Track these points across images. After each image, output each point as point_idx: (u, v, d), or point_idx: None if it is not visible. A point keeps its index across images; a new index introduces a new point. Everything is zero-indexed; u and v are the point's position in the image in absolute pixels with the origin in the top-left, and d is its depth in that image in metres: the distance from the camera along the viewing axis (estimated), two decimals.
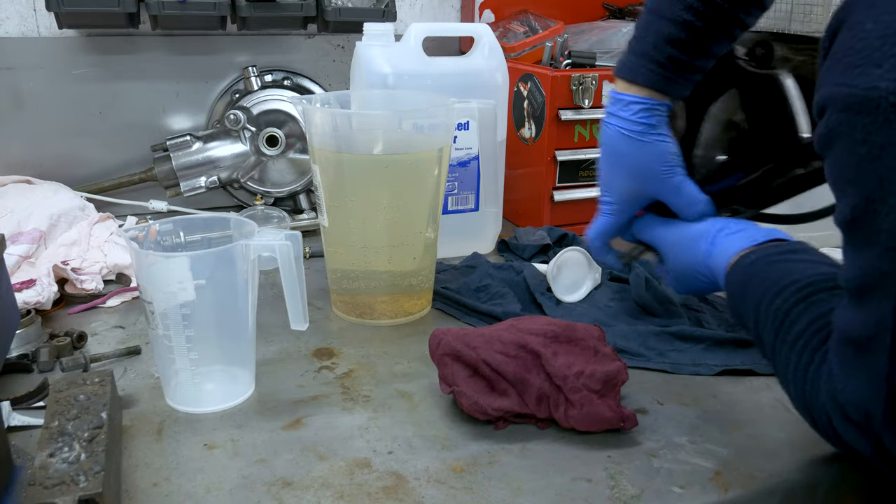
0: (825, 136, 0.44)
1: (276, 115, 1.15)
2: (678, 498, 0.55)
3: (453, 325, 0.83)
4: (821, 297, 0.52)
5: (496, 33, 1.04)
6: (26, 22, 1.11)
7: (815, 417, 0.50)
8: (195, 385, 0.65)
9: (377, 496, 0.54)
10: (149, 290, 0.62)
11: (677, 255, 0.70)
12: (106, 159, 1.15)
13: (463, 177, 0.98)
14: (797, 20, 1.31)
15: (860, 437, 0.46)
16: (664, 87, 0.66)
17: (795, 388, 0.51)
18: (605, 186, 0.72)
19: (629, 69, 0.67)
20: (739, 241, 0.64)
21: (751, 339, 0.60)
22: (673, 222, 0.71)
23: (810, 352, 0.50)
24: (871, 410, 0.44)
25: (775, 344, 0.54)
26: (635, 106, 0.67)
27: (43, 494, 0.47)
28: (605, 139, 0.70)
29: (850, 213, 0.43)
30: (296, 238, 0.64)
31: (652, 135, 0.67)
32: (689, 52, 0.64)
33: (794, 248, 0.61)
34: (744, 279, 0.60)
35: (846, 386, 0.45)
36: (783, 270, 0.57)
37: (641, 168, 0.69)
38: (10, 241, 0.88)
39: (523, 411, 0.63)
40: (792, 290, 0.54)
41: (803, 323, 0.51)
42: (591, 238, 0.75)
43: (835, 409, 0.47)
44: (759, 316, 0.56)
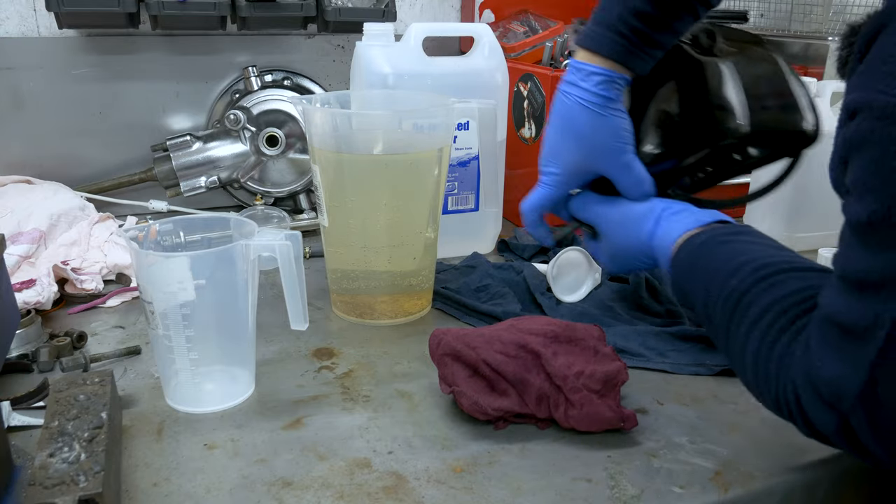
0: (854, 140, 0.43)
1: (276, 115, 1.15)
2: (678, 498, 0.55)
3: (453, 325, 0.83)
4: (779, 278, 0.52)
5: (496, 33, 1.05)
6: (26, 22, 1.11)
7: (778, 394, 0.50)
8: (195, 385, 0.65)
9: (377, 496, 0.55)
10: (149, 290, 0.62)
11: (618, 234, 0.69)
12: (106, 159, 1.15)
13: (463, 177, 0.98)
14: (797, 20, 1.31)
15: (826, 415, 0.46)
16: (626, 59, 0.65)
17: (755, 366, 0.51)
18: (550, 157, 0.71)
19: (592, 39, 0.66)
20: (684, 221, 0.64)
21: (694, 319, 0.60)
22: (615, 200, 0.70)
23: (777, 331, 0.50)
24: (843, 391, 0.44)
25: (729, 324, 0.54)
26: (596, 77, 0.66)
27: (43, 494, 0.47)
28: (560, 108, 0.69)
29: (866, 216, 0.42)
30: (296, 238, 0.64)
31: (609, 108, 0.67)
32: (652, 26, 0.64)
33: (740, 230, 0.61)
34: (692, 259, 0.60)
35: (823, 364, 0.45)
36: (734, 251, 0.57)
37: (595, 141, 0.68)
38: (10, 241, 0.88)
39: (523, 411, 0.63)
40: (747, 271, 0.54)
41: (764, 303, 0.51)
42: (526, 210, 0.74)
43: (806, 385, 0.47)
44: (711, 296, 0.56)
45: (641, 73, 0.67)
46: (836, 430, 0.46)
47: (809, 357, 0.46)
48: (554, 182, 0.71)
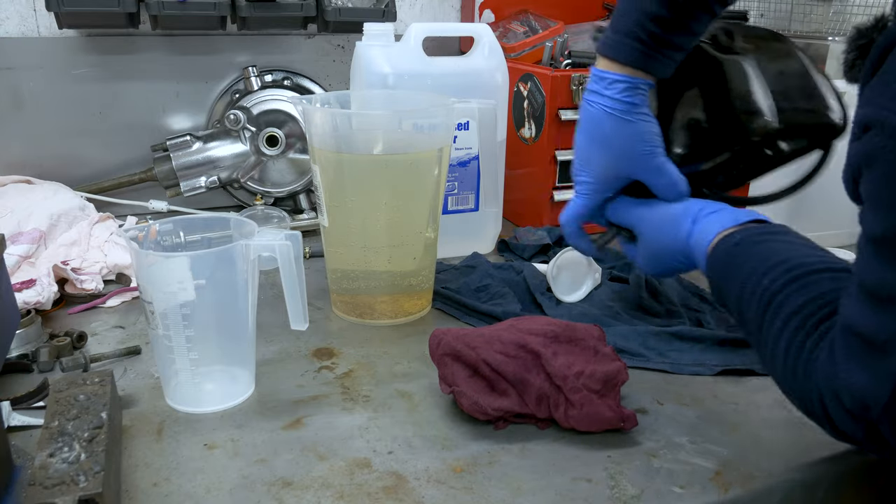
0: (867, 155, 0.44)
1: (276, 115, 1.15)
2: (678, 498, 0.55)
3: (453, 325, 0.83)
4: (811, 279, 0.52)
5: (496, 33, 1.04)
6: (26, 22, 1.11)
7: (804, 398, 0.50)
8: (195, 385, 0.65)
9: (377, 496, 0.54)
10: (149, 290, 0.62)
11: (656, 236, 0.69)
12: (106, 159, 1.15)
13: (463, 177, 0.98)
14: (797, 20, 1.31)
15: (853, 423, 0.46)
16: (646, 64, 0.66)
17: (785, 369, 0.51)
18: (581, 167, 0.71)
19: (611, 47, 0.66)
20: (721, 220, 0.64)
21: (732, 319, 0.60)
22: (651, 203, 0.71)
23: (804, 334, 0.50)
24: (869, 402, 0.44)
25: (762, 323, 0.54)
26: (619, 84, 0.66)
27: (43, 494, 0.47)
28: (587, 117, 0.69)
29: (881, 231, 0.43)
30: (296, 238, 0.64)
31: (635, 114, 0.67)
32: (669, 29, 0.64)
33: (777, 230, 0.61)
34: (728, 258, 0.60)
35: (849, 375, 0.45)
36: (769, 250, 0.57)
37: (624, 147, 0.68)
38: (10, 241, 0.88)
39: (523, 411, 0.63)
40: (780, 271, 0.54)
41: (795, 304, 0.51)
42: (564, 222, 0.74)
43: (830, 394, 0.47)
44: (745, 294, 0.56)
45: (663, 76, 0.68)
46: (864, 438, 0.46)
47: (833, 365, 0.46)
48: (588, 191, 0.72)
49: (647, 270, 0.73)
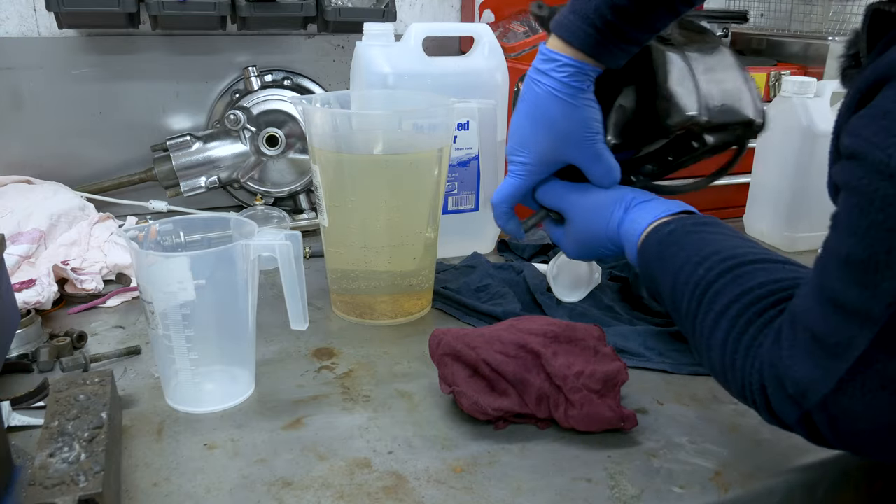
0: (847, 181, 0.44)
1: (276, 115, 1.15)
2: (678, 498, 0.55)
3: (453, 325, 0.83)
4: (746, 269, 0.53)
5: (496, 33, 1.04)
6: (26, 22, 1.11)
7: (743, 383, 0.51)
8: (195, 385, 0.65)
9: (377, 496, 0.55)
10: (149, 290, 0.62)
11: (587, 221, 0.70)
12: (106, 159, 1.15)
13: (463, 177, 0.98)
14: (797, 20, 1.31)
15: (790, 408, 0.47)
16: (598, 54, 0.65)
17: (724, 355, 0.52)
18: (519, 146, 0.71)
19: (567, 28, 0.66)
20: (653, 210, 0.65)
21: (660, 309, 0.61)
22: (584, 188, 0.71)
23: (745, 322, 0.50)
24: (809, 392, 0.45)
25: (697, 312, 0.54)
26: (569, 68, 0.66)
27: (43, 494, 0.47)
28: (532, 97, 0.69)
29: (848, 252, 0.43)
30: (296, 238, 0.64)
31: (582, 98, 0.67)
32: (628, 21, 0.64)
33: (707, 221, 0.62)
34: (661, 248, 0.61)
35: (793, 363, 0.46)
36: (702, 241, 0.58)
37: (567, 131, 0.68)
38: (10, 241, 0.88)
39: (523, 411, 0.63)
40: (715, 261, 0.55)
41: (732, 294, 0.52)
42: (497, 202, 0.74)
43: (772, 377, 0.48)
44: (678, 284, 0.57)
45: (614, 67, 0.67)
46: (797, 422, 0.47)
47: (779, 351, 0.47)
48: (524, 172, 0.71)
49: (572, 255, 0.74)
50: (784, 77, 1.10)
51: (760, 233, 1.10)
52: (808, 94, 1.02)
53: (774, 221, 1.08)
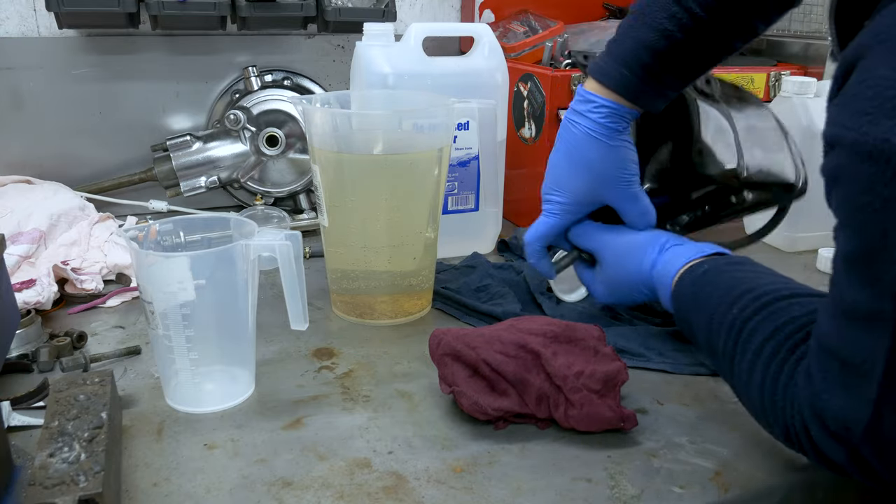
0: (831, 175, 0.43)
1: (276, 115, 1.15)
2: (678, 498, 0.55)
3: (453, 325, 0.83)
4: (780, 305, 0.52)
5: (496, 33, 1.04)
6: (26, 22, 1.11)
7: (787, 425, 0.49)
8: (195, 385, 0.65)
9: (377, 496, 0.55)
10: (149, 290, 0.62)
11: (620, 263, 0.69)
12: (106, 159, 1.15)
13: (463, 177, 0.98)
14: (797, 20, 1.31)
15: (836, 446, 0.45)
16: (633, 96, 0.66)
17: (763, 397, 0.51)
18: (555, 186, 0.71)
19: (602, 71, 0.66)
20: (687, 252, 0.65)
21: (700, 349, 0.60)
22: (617, 229, 0.71)
23: (780, 360, 0.49)
24: (851, 425, 0.43)
25: (735, 353, 0.53)
26: (605, 109, 0.66)
27: (43, 494, 0.47)
28: (569, 138, 0.69)
29: (849, 251, 0.42)
30: (296, 238, 0.64)
31: (619, 139, 0.67)
32: (663, 64, 0.64)
33: (741, 261, 0.61)
34: (695, 289, 0.61)
35: (829, 398, 0.44)
36: (735, 280, 0.57)
37: (604, 172, 0.68)
38: (10, 241, 0.88)
39: (523, 411, 0.63)
40: (748, 299, 0.54)
41: (766, 331, 0.51)
42: (530, 241, 0.74)
43: (813, 417, 0.46)
44: (713, 325, 0.56)
45: (651, 110, 0.67)
46: (847, 461, 0.46)
47: (813, 388, 0.46)
48: (559, 211, 0.71)
49: (603, 298, 0.73)
50: (784, 77, 1.10)
51: None
52: (808, 94, 1.02)
53: None
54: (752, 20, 0.65)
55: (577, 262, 0.75)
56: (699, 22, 0.62)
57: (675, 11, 0.61)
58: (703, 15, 0.61)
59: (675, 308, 0.63)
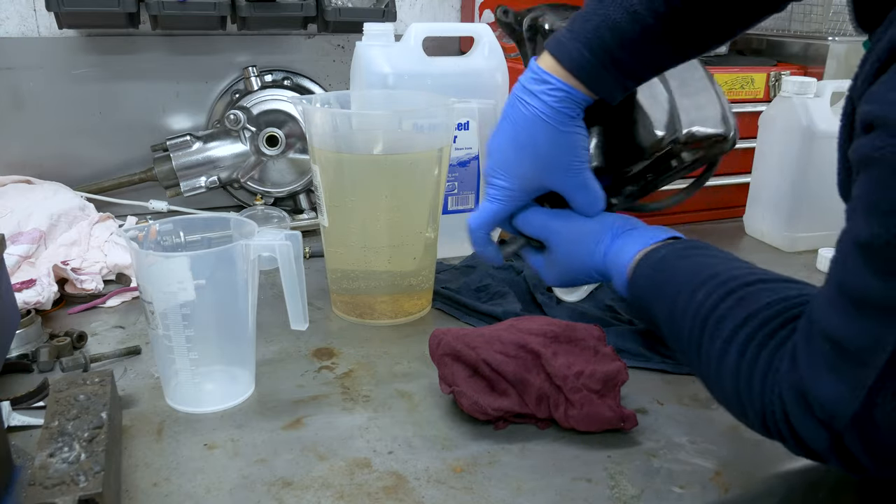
0: (865, 156, 0.41)
1: (276, 115, 1.15)
2: (678, 498, 0.55)
3: (453, 325, 0.83)
4: (749, 290, 0.50)
5: (496, 33, 1.04)
6: (26, 22, 1.11)
7: (763, 412, 0.48)
8: (195, 385, 0.65)
9: (377, 496, 0.54)
10: (149, 290, 0.62)
11: (571, 250, 0.66)
12: (106, 159, 1.15)
13: (463, 177, 0.98)
14: (797, 20, 1.31)
15: (819, 433, 0.44)
16: (592, 81, 0.61)
17: (735, 384, 0.49)
18: (500, 169, 0.66)
19: (562, 48, 0.61)
20: (640, 237, 0.62)
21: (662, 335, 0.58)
22: (566, 215, 0.67)
23: (756, 347, 0.48)
24: (838, 411, 0.42)
25: (701, 340, 0.51)
26: (560, 93, 0.61)
27: (43, 494, 0.47)
28: (517, 118, 0.64)
29: (868, 237, 0.40)
30: (296, 238, 0.64)
31: (571, 125, 0.63)
32: (628, 51, 0.59)
33: (698, 245, 0.60)
34: (653, 274, 0.59)
35: (816, 381, 0.43)
36: (697, 265, 0.56)
37: (552, 158, 0.64)
38: (10, 241, 0.88)
39: (523, 411, 0.63)
40: (713, 285, 0.52)
41: (738, 318, 0.49)
42: (474, 227, 0.69)
43: (796, 402, 0.45)
44: (676, 311, 0.54)
45: (608, 100, 0.63)
46: (828, 448, 0.44)
47: (798, 373, 0.44)
48: (504, 197, 0.67)
49: (553, 283, 0.71)
50: (784, 77, 1.10)
51: (760, 233, 1.11)
52: (808, 94, 1.02)
53: (774, 221, 1.08)
54: (730, 19, 0.61)
55: (525, 247, 0.72)
56: (674, 11, 0.58)
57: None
58: (678, 3, 0.58)
59: (632, 295, 0.61)
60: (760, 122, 1.09)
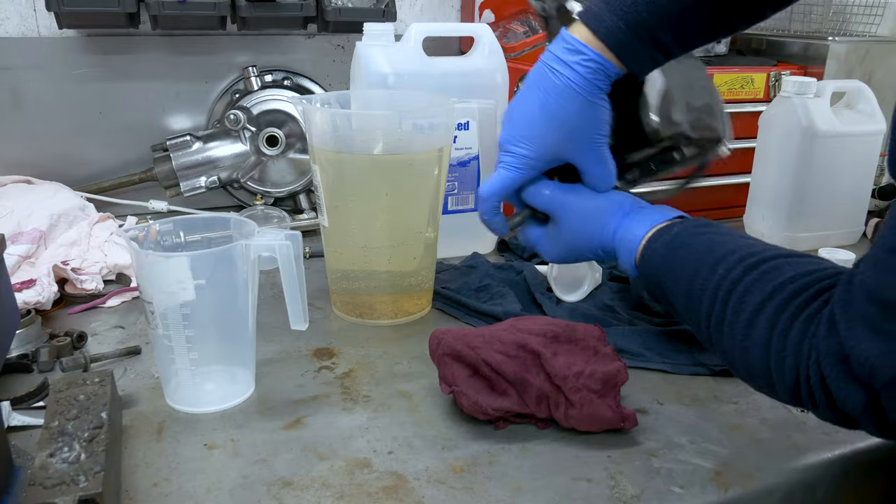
0: None
1: (276, 115, 1.15)
2: (678, 498, 0.55)
3: (453, 325, 0.83)
4: (771, 265, 0.51)
5: (496, 33, 1.04)
6: (26, 22, 1.11)
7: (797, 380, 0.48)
8: (195, 385, 0.65)
9: (377, 496, 0.55)
10: (149, 290, 0.62)
11: (581, 226, 0.67)
12: (106, 159, 1.15)
13: (463, 177, 0.98)
14: (797, 20, 1.31)
15: (856, 391, 0.45)
16: (625, 54, 0.62)
17: (764, 355, 0.49)
18: (522, 137, 0.66)
19: (598, 19, 0.61)
20: (650, 216, 0.63)
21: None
22: (577, 189, 0.68)
23: (788, 318, 0.48)
24: (878, 369, 0.43)
25: (724, 314, 0.52)
26: (593, 64, 0.62)
27: (43, 494, 0.47)
28: (548, 87, 0.64)
29: None
30: (296, 238, 0.64)
31: (599, 97, 0.64)
32: (662, 24, 0.60)
33: (710, 223, 0.60)
34: (667, 251, 0.59)
35: (859, 342, 0.43)
36: (712, 242, 0.56)
37: (579, 129, 0.64)
38: (10, 241, 0.88)
39: (523, 411, 0.63)
40: (733, 261, 0.53)
41: (764, 291, 0.50)
42: (486, 194, 0.69)
43: (834, 364, 0.45)
44: (695, 288, 0.55)
45: (637, 73, 0.64)
46: (863, 409, 0.45)
47: (837, 337, 0.45)
48: (522, 165, 0.66)
49: (552, 258, 0.70)
50: (784, 77, 1.10)
51: (760, 233, 1.10)
52: (808, 94, 1.02)
53: (774, 221, 1.08)
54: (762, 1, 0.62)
55: (530, 220, 0.72)
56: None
57: None
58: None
59: (644, 272, 0.61)
60: (760, 122, 1.09)
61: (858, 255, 1.00)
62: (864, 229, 1.11)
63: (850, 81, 1.09)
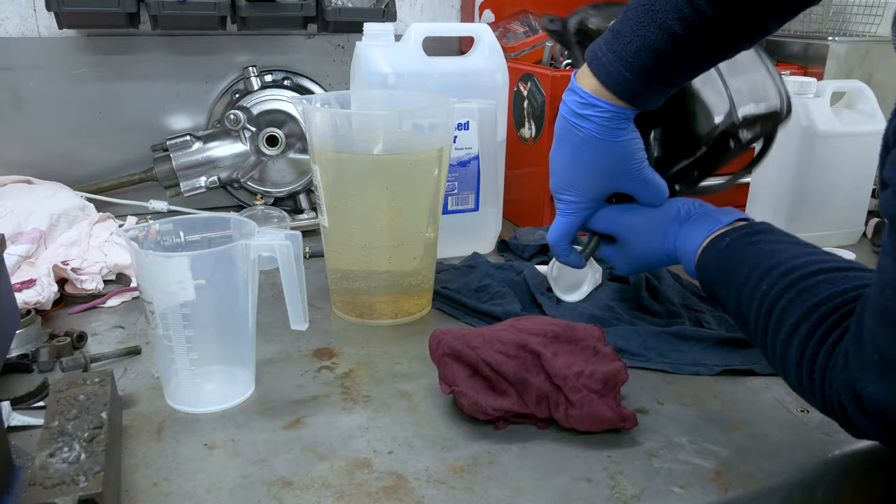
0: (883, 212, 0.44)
1: (276, 115, 1.15)
2: (678, 498, 0.55)
3: (453, 325, 0.83)
4: (809, 283, 0.53)
5: (496, 33, 1.05)
6: (26, 22, 1.11)
7: (825, 401, 0.51)
8: (195, 385, 0.65)
9: (377, 496, 0.55)
10: (149, 290, 0.62)
11: (642, 241, 0.72)
12: (106, 159, 1.15)
13: (463, 177, 0.98)
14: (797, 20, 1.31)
15: (872, 426, 0.47)
16: (635, 100, 0.66)
17: (799, 375, 0.52)
18: (566, 186, 0.72)
19: (606, 71, 0.65)
20: (706, 223, 0.66)
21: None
22: (634, 209, 0.73)
23: (815, 344, 0.50)
24: (888, 412, 0.45)
25: (767, 330, 0.55)
26: (608, 113, 0.67)
27: (43, 494, 0.47)
28: (573, 140, 0.69)
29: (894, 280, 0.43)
30: (296, 238, 0.64)
31: (624, 135, 0.68)
32: (667, 66, 0.63)
33: (762, 229, 0.62)
34: (720, 262, 0.62)
35: (867, 385, 0.46)
36: (760, 253, 0.58)
37: (613, 167, 0.69)
38: (10, 241, 0.88)
39: (523, 411, 0.63)
40: (776, 276, 0.55)
41: (799, 312, 0.52)
42: (554, 242, 0.76)
43: (850, 399, 0.47)
44: (742, 300, 0.57)
45: (650, 109, 0.68)
46: (880, 438, 0.48)
47: (850, 374, 0.47)
48: (574, 210, 0.73)
49: (626, 272, 0.76)
50: (784, 77, 1.10)
51: None
52: (808, 94, 1.02)
53: (774, 221, 1.06)
54: (765, 20, 0.63)
55: (599, 243, 0.78)
56: (708, 23, 0.60)
57: (686, 13, 0.60)
58: (714, 17, 0.60)
59: (702, 281, 0.65)
60: None
61: (859, 255, 1.00)
62: (864, 229, 1.11)
63: (850, 81, 1.09)
